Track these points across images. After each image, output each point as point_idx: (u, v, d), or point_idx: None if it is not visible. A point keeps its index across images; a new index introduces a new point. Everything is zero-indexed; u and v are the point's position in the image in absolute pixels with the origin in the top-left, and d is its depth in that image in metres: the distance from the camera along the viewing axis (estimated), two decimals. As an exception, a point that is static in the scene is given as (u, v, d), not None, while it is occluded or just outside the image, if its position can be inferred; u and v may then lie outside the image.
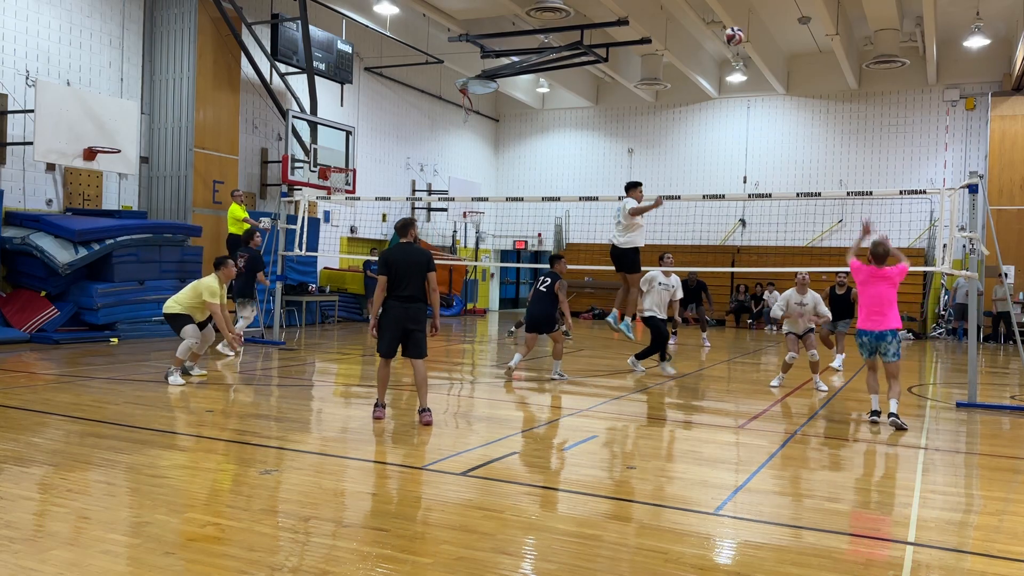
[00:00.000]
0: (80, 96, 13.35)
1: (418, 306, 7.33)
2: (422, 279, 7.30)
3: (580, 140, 27.01)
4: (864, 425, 8.16)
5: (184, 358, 9.22)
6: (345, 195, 17.18)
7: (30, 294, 13.07)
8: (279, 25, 17.01)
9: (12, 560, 3.75)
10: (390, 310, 7.31)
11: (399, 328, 7.29)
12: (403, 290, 7.26)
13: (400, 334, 7.31)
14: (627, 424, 7.93)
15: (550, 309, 10.53)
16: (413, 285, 7.26)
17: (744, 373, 12.44)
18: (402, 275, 7.25)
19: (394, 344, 7.36)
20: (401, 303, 7.27)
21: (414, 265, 7.28)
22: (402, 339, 7.34)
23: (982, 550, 4.40)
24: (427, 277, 7.32)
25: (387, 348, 7.35)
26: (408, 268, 7.26)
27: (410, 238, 7.58)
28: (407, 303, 7.27)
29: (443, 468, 5.70)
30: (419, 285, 7.30)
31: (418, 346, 7.35)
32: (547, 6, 16.01)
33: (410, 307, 7.28)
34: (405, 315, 7.26)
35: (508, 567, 3.90)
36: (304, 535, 4.26)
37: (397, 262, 7.29)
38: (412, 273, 7.25)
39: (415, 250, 7.40)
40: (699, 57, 22.59)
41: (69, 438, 6.31)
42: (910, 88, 22.73)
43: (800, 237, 23.13)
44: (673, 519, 4.75)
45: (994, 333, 19.55)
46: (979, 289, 9.91)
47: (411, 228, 7.63)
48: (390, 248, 7.65)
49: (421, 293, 7.33)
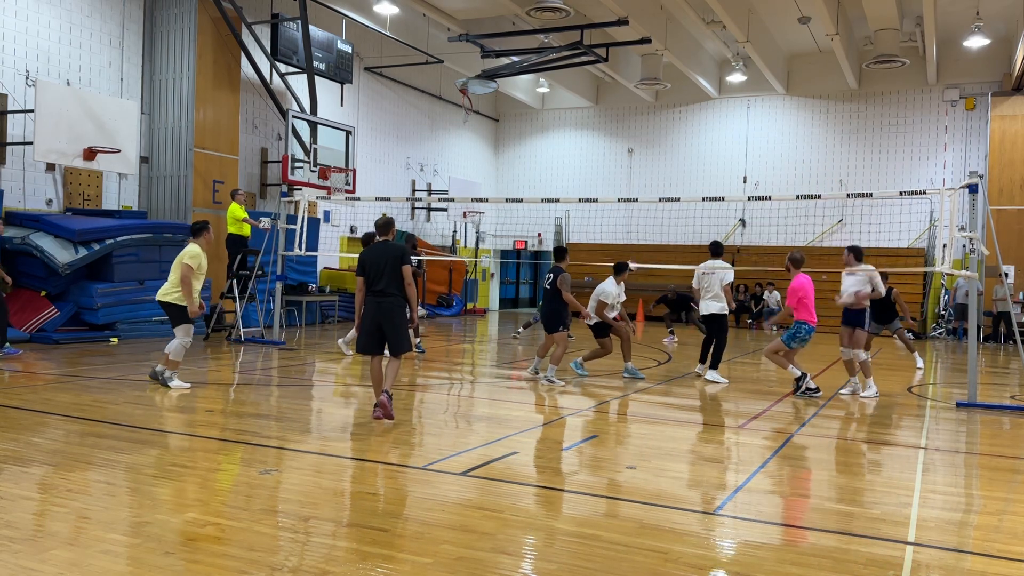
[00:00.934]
0: (80, 96, 13.35)
1: (391, 301, 7.33)
2: (396, 274, 7.30)
3: (580, 140, 27.01)
4: (864, 425, 8.17)
5: (180, 360, 8.83)
6: (345, 195, 17.17)
7: (30, 294, 13.07)
8: (279, 25, 17.01)
9: (12, 560, 3.75)
10: (367, 307, 7.38)
11: (374, 324, 7.32)
12: (376, 285, 7.31)
13: (376, 329, 7.33)
14: (627, 424, 7.93)
15: (557, 306, 10.23)
16: (386, 280, 7.27)
17: (744, 373, 12.44)
18: (375, 271, 7.30)
19: (372, 341, 7.38)
20: (375, 298, 7.32)
21: (388, 260, 7.29)
22: (379, 335, 7.37)
23: (982, 550, 4.40)
24: (401, 271, 7.31)
25: (364, 345, 7.42)
26: (381, 264, 7.29)
27: (389, 237, 7.61)
28: (380, 298, 7.30)
29: (443, 468, 5.70)
30: (392, 280, 7.29)
31: (393, 342, 7.36)
32: (547, 6, 16.00)
33: (383, 302, 7.30)
34: (378, 310, 7.30)
35: (508, 567, 3.90)
36: (304, 535, 4.26)
37: (369, 260, 7.36)
38: (385, 269, 7.28)
39: (390, 246, 7.43)
40: (699, 57, 22.59)
41: (69, 438, 6.31)
42: (910, 88, 22.73)
43: (800, 237, 23.13)
44: (673, 519, 4.75)
45: (994, 333, 19.55)
46: (979, 289, 9.90)
47: (392, 227, 7.72)
48: (366, 248, 7.71)
49: (396, 288, 7.32)
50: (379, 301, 7.30)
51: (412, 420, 7.66)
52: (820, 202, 22.80)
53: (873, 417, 8.71)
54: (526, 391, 9.71)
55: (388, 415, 7.23)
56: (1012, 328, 13.83)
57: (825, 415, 8.61)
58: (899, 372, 13.32)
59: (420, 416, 7.93)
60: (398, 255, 7.32)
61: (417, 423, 7.55)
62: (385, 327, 7.31)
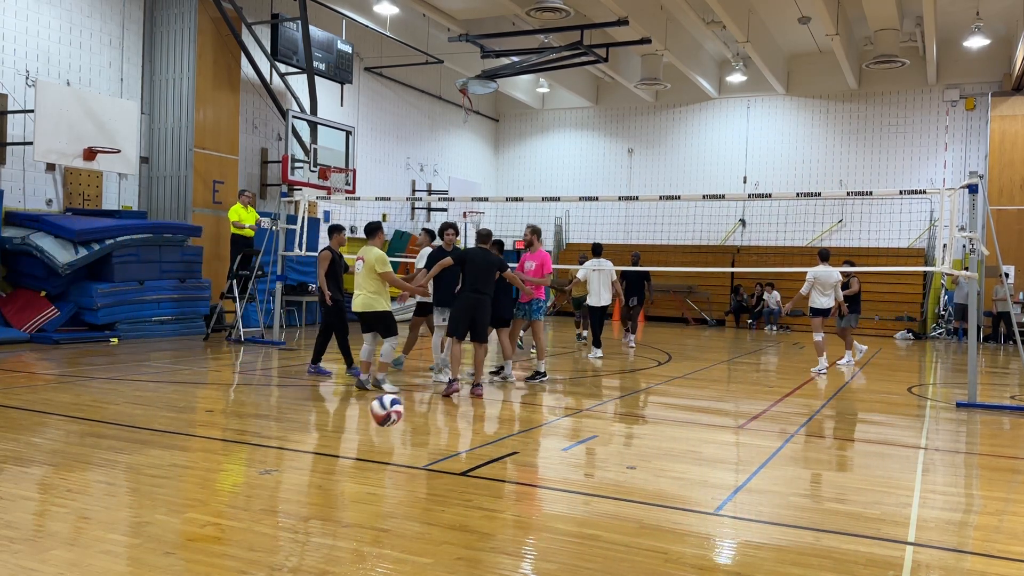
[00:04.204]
0: (80, 96, 13.34)
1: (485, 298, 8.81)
2: (491, 277, 8.88)
3: (580, 140, 27.01)
4: (865, 425, 8.17)
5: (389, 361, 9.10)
6: (345, 195, 17.16)
7: (30, 294, 13.07)
8: (279, 25, 17.01)
9: (12, 560, 3.75)
10: (464, 299, 8.80)
11: (468, 314, 8.72)
12: (475, 283, 8.73)
13: (468, 318, 8.73)
14: (627, 424, 7.93)
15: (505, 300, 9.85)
16: (483, 280, 8.75)
17: (744, 373, 12.44)
18: (476, 272, 8.76)
19: (462, 327, 8.79)
20: (473, 294, 8.75)
21: (488, 265, 8.84)
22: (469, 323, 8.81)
23: (982, 550, 4.40)
24: (498, 277, 9.02)
25: (455, 329, 8.79)
26: (483, 267, 8.79)
27: (487, 245, 9.12)
28: (477, 294, 8.75)
29: (443, 468, 5.69)
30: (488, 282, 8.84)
31: (479, 332, 8.86)
32: (547, 6, 16.01)
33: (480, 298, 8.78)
34: (476, 304, 8.75)
35: (508, 567, 3.90)
36: (304, 535, 4.26)
37: (473, 261, 8.79)
38: (485, 272, 8.80)
39: (489, 254, 9.01)
40: (699, 57, 22.59)
41: (69, 438, 6.31)
42: (910, 88, 22.73)
43: (800, 237, 23.14)
44: (673, 519, 4.75)
45: (994, 333, 19.55)
46: (978, 289, 9.90)
47: (491, 238, 9.30)
48: (471, 250, 9.03)
49: (488, 289, 8.83)
50: (477, 297, 8.67)
51: (412, 420, 7.65)
52: (820, 202, 22.79)
53: (873, 417, 8.71)
54: (526, 391, 9.70)
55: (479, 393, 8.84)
56: (1012, 328, 13.83)
57: (825, 415, 8.61)
58: (899, 372, 13.33)
59: (420, 416, 7.93)
60: (497, 263, 8.97)
61: (417, 423, 7.55)
62: (477, 318, 8.68)
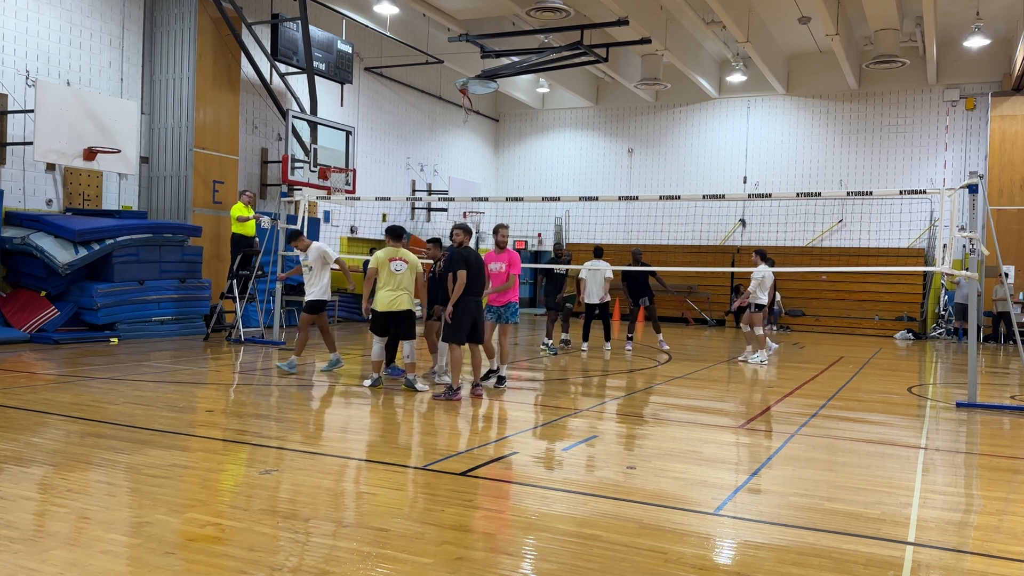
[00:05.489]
0: (80, 96, 13.34)
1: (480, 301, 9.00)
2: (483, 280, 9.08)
3: (580, 140, 27.01)
4: (865, 425, 8.17)
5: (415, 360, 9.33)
6: (345, 195, 17.17)
7: (30, 294, 13.07)
8: (279, 25, 17.01)
9: (12, 560, 3.75)
10: (467, 304, 8.77)
11: (471, 318, 8.77)
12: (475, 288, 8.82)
13: (472, 323, 8.79)
14: (627, 424, 7.93)
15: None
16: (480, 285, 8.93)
17: (744, 373, 12.44)
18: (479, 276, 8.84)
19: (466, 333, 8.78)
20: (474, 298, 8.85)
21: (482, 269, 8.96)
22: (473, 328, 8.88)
23: (982, 550, 4.40)
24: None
25: (464, 338, 8.79)
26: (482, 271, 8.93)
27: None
28: (477, 298, 8.88)
29: (443, 468, 5.70)
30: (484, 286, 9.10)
31: (479, 334, 8.94)
32: (547, 6, 16.00)
33: (479, 302, 8.97)
34: (477, 308, 8.88)
35: (508, 567, 3.90)
36: (304, 535, 4.26)
37: (476, 266, 8.81)
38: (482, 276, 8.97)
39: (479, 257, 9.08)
40: (699, 57, 22.59)
41: (69, 438, 6.31)
42: (910, 88, 22.72)
43: (800, 237, 23.13)
44: (673, 519, 4.75)
45: (994, 333, 19.55)
46: (978, 289, 9.91)
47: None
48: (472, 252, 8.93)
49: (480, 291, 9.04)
50: (476, 300, 8.76)
51: (412, 420, 7.66)
52: (820, 202, 22.79)
53: (873, 417, 8.71)
54: (526, 391, 9.71)
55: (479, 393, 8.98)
56: (1012, 328, 13.84)
57: (825, 415, 8.61)
58: (899, 372, 13.33)
59: (420, 416, 7.93)
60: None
61: (417, 423, 7.56)
62: (479, 321, 8.79)
